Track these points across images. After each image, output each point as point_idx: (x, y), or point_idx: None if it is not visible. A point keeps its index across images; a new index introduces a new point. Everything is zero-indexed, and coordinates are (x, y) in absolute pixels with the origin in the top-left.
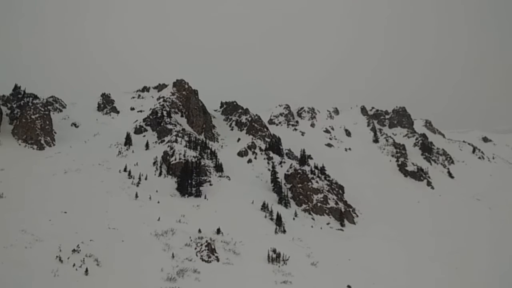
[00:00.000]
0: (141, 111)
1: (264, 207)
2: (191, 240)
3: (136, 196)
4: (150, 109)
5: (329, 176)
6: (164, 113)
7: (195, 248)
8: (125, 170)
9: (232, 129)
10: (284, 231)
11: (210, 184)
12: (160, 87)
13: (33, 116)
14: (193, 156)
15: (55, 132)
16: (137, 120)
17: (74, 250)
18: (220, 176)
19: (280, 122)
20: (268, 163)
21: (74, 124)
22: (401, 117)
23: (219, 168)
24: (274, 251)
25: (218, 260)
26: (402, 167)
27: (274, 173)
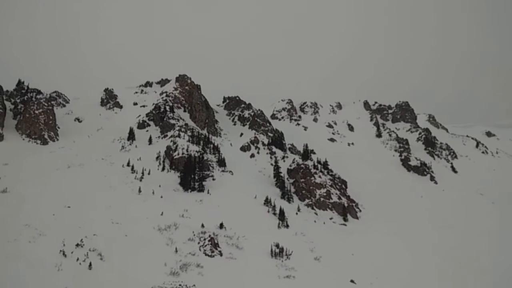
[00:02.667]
0: (144, 106)
1: (267, 202)
2: (194, 235)
3: (139, 190)
4: (153, 104)
5: (332, 171)
6: (167, 108)
7: (198, 243)
8: (128, 165)
9: (234, 124)
10: (287, 226)
11: (213, 179)
12: (163, 82)
13: (36, 111)
14: (196, 151)
15: (58, 127)
16: (140, 115)
17: (77, 245)
18: (223, 171)
19: (283, 117)
20: (271, 158)
21: (78, 119)
22: (404, 112)
23: (222, 163)
24: (277, 245)
25: (221, 254)
26: (405, 162)
27: (277, 168)
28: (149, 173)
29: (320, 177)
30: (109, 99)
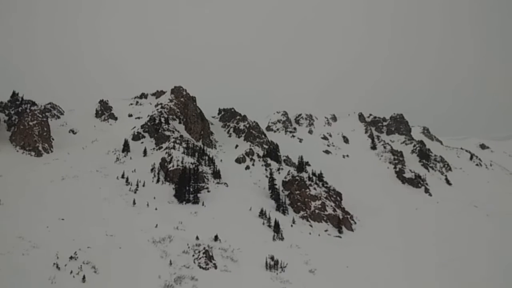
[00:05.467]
0: (139, 117)
1: (262, 214)
2: (188, 247)
3: (134, 203)
4: (148, 115)
5: (327, 183)
6: (162, 119)
7: (193, 255)
8: (122, 176)
9: (230, 136)
10: (282, 238)
11: (208, 191)
12: (158, 94)
13: (31, 123)
14: (191, 163)
15: (53, 139)
16: (135, 127)
17: (71, 257)
18: (218, 183)
19: (278, 129)
20: (266, 169)
21: (72, 131)
22: (399, 124)
23: (216, 174)
24: (272, 258)
25: (215, 267)
26: (399, 174)
27: (272, 179)
28: (143, 185)
29: (315, 189)
30: (104, 111)
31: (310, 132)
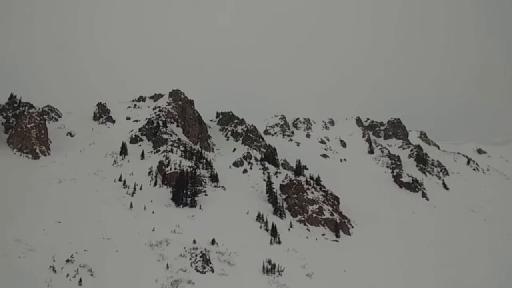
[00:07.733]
0: (137, 120)
1: (259, 217)
2: (185, 251)
3: (131, 206)
4: (146, 118)
5: (324, 187)
6: (160, 122)
7: (190, 259)
8: (120, 179)
9: (227, 139)
10: (279, 242)
11: (206, 194)
12: (156, 97)
13: (28, 125)
14: (189, 166)
15: (50, 141)
16: (132, 130)
17: (68, 260)
18: (215, 186)
19: (275, 133)
20: (263, 173)
21: (70, 134)
22: (396, 129)
23: (214, 178)
24: (269, 262)
25: (212, 271)
26: (397, 178)
27: (269, 183)
28: (141, 188)
29: (312, 193)
30: (102, 114)
31: (308, 136)
